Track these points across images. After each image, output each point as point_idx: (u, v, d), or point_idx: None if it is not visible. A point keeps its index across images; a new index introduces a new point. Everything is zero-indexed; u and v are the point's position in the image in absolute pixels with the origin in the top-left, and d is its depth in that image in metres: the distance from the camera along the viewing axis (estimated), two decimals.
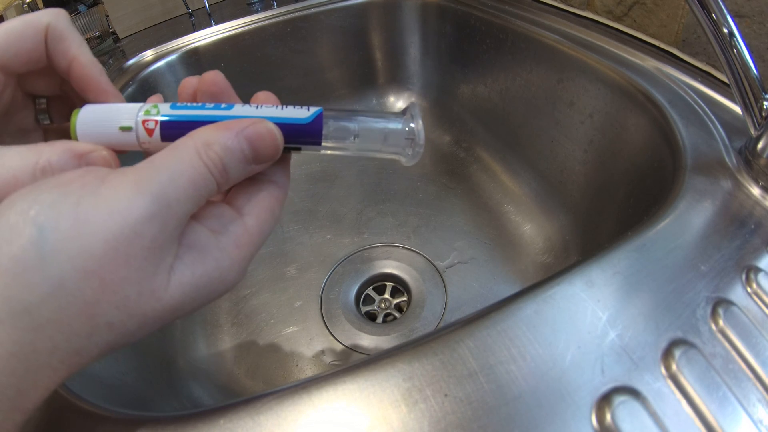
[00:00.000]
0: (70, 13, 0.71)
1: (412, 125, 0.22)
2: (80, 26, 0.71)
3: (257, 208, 0.20)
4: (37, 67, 0.22)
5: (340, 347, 0.48)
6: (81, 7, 0.72)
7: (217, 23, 0.67)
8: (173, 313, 0.17)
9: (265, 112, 0.21)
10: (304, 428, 0.20)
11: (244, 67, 0.67)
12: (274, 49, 0.68)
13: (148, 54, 0.64)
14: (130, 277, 0.15)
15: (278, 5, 0.69)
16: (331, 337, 0.49)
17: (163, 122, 0.20)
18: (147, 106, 0.20)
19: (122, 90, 0.56)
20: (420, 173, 0.67)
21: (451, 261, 0.54)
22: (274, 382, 0.46)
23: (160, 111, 0.20)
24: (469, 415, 0.20)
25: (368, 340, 0.48)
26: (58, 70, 0.22)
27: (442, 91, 0.71)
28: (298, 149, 0.22)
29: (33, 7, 0.70)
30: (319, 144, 0.21)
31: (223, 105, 0.21)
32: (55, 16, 0.21)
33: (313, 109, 0.21)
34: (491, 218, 0.58)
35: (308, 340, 0.49)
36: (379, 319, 0.51)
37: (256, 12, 0.68)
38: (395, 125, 0.22)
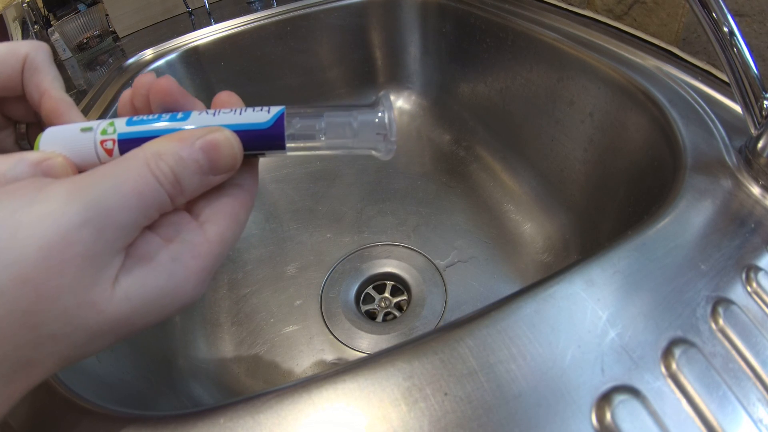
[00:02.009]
0: (70, 12, 0.71)
1: (381, 116, 0.21)
2: (80, 25, 0.71)
3: (219, 214, 0.19)
4: (14, 94, 0.22)
5: (340, 346, 0.48)
6: (81, 6, 0.72)
7: (216, 22, 0.67)
8: (122, 326, 0.16)
9: (222, 119, 0.20)
10: (304, 427, 0.20)
11: (244, 66, 0.67)
12: (273, 48, 0.68)
13: (148, 53, 0.64)
14: (65, 285, 0.15)
15: (278, 4, 0.69)
16: (331, 336, 0.49)
17: (120, 141, 0.19)
18: (104, 124, 0.19)
19: (122, 89, 0.56)
20: (420, 172, 0.67)
21: (451, 260, 0.54)
22: (274, 381, 0.46)
23: (116, 129, 0.19)
24: (469, 413, 0.20)
25: (368, 339, 0.48)
26: (30, 101, 0.22)
27: (442, 90, 0.71)
28: (263, 154, 0.20)
29: (33, 7, 0.70)
30: (283, 148, 0.20)
31: (179, 115, 0.20)
32: (35, 48, 0.22)
33: (275, 110, 0.20)
34: (491, 217, 0.58)
35: (308, 339, 0.49)
36: (379, 318, 0.51)
37: (256, 11, 0.68)
38: (364, 118, 0.21)
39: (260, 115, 0.20)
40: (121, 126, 0.19)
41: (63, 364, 0.16)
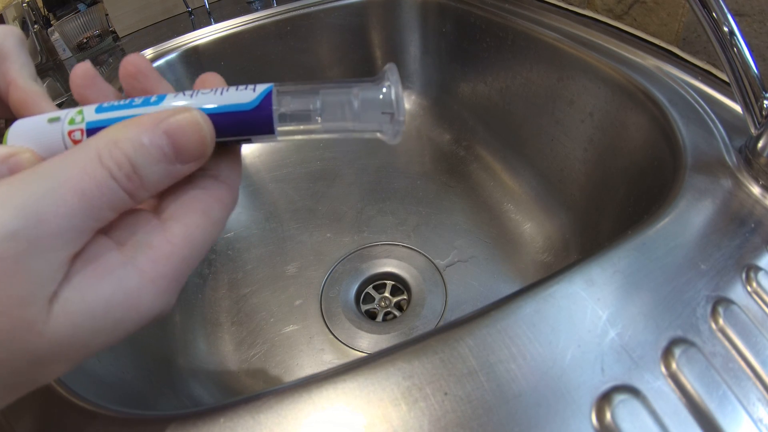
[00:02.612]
0: (70, 12, 0.71)
1: (386, 92, 0.18)
2: (80, 25, 0.71)
3: (185, 211, 0.16)
4: None
5: (340, 346, 0.48)
6: (81, 6, 0.72)
7: (216, 22, 0.67)
8: (70, 348, 0.14)
9: (201, 100, 0.17)
10: (304, 427, 0.20)
11: (244, 65, 0.67)
12: (273, 48, 0.68)
13: (148, 53, 0.64)
14: None
15: (278, 4, 0.69)
16: (331, 336, 0.49)
17: (89, 130, 0.17)
18: (72, 113, 0.17)
19: (122, 89, 0.56)
20: (420, 172, 0.67)
21: (451, 259, 0.54)
22: (274, 380, 0.46)
23: (84, 117, 0.17)
24: (469, 413, 0.20)
25: (368, 339, 0.48)
26: None
27: (442, 89, 0.71)
28: (249, 140, 0.18)
29: (32, 7, 0.70)
30: (272, 132, 0.18)
31: (153, 98, 0.18)
32: (3, 35, 0.20)
33: (261, 88, 0.17)
34: (491, 217, 0.58)
35: (308, 339, 0.49)
36: (379, 318, 0.51)
37: (256, 10, 0.68)
38: (367, 95, 0.18)
39: (244, 95, 0.17)
40: (90, 114, 0.17)
41: (11, 394, 0.14)
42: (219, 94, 0.17)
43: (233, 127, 0.17)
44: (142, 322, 0.16)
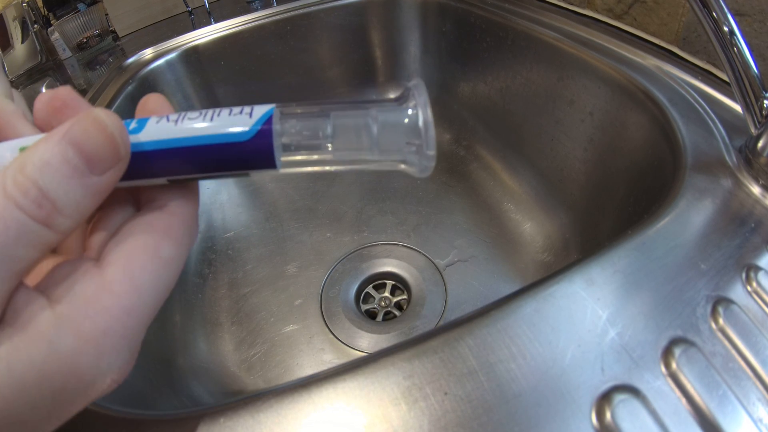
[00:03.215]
0: (70, 12, 0.71)
1: (412, 115, 0.15)
2: (80, 25, 0.71)
3: (128, 252, 0.14)
4: None
5: (340, 345, 0.48)
6: (80, 6, 0.72)
7: (216, 21, 0.66)
8: (4, 426, 0.12)
9: (187, 128, 0.15)
10: (304, 426, 0.20)
11: (244, 65, 0.67)
12: (273, 48, 0.68)
13: (148, 52, 0.64)
14: None
15: (278, 3, 0.68)
16: (331, 336, 0.49)
17: None
18: (25, 141, 0.15)
19: (122, 88, 0.56)
20: None
21: (451, 259, 0.54)
22: (274, 380, 0.46)
23: None
24: (469, 413, 0.20)
25: (368, 339, 0.48)
26: None
27: (442, 89, 0.71)
28: (246, 174, 0.15)
29: (32, 6, 0.70)
30: (274, 166, 0.15)
31: (132, 125, 0.15)
32: None
33: (260, 112, 0.15)
34: (491, 216, 0.58)
35: (308, 339, 0.49)
36: (379, 318, 0.51)
37: (256, 10, 0.67)
38: (388, 118, 0.15)
39: (239, 120, 0.14)
40: None
41: None
42: (209, 120, 0.15)
43: (225, 162, 0.15)
44: (94, 390, 0.14)
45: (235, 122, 0.15)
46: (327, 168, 0.16)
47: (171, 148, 0.15)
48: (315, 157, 0.15)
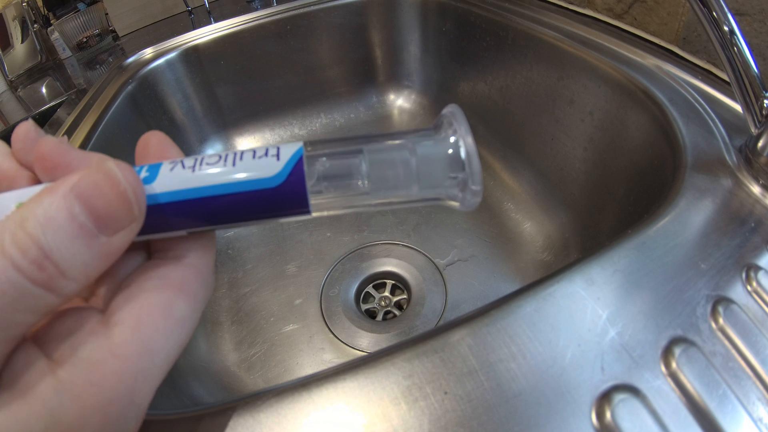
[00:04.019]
0: (70, 11, 0.71)
1: (453, 146, 0.13)
2: (80, 24, 0.71)
3: (138, 310, 0.13)
4: None
5: (340, 345, 0.48)
6: (80, 5, 0.72)
7: (216, 21, 0.66)
8: None
9: (206, 176, 0.13)
10: (304, 426, 0.20)
11: (244, 64, 0.67)
12: (273, 47, 0.68)
13: (148, 52, 0.64)
14: None
15: (278, 3, 0.68)
16: (331, 335, 0.49)
17: None
18: (21, 196, 0.13)
19: (122, 88, 0.56)
20: None
21: (451, 259, 0.54)
22: (274, 379, 0.46)
23: None
24: (469, 412, 0.20)
25: (368, 338, 0.48)
26: None
27: (442, 88, 0.71)
28: (273, 221, 0.14)
29: (32, 6, 0.70)
30: (307, 211, 0.14)
31: (143, 173, 0.13)
32: None
33: (288, 152, 0.13)
34: (491, 216, 0.58)
35: (308, 338, 0.49)
36: (379, 317, 0.51)
37: (256, 10, 0.67)
38: (427, 151, 0.14)
39: (266, 164, 0.13)
40: None
41: None
42: (231, 165, 0.13)
43: (253, 211, 0.13)
44: None
45: (262, 167, 0.13)
46: (361, 209, 0.15)
47: (191, 200, 0.13)
48: (350, 197, 0.14)
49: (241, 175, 0.13)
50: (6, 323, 0.11)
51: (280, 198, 0.13)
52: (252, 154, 0.14)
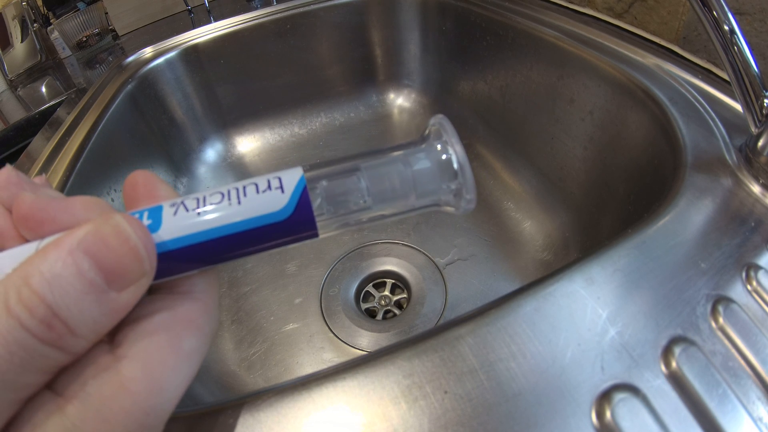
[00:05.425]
0: (70, 11, 0.71)
1: (444, 153, 0.14)
2: (79, 23, 0.71)
3: (147, 345, 0.13)
4: None
5: (340, 344, 0.48)
6: (80, 5, 0.72)
7: (216, 20, 0.66)
8: None
9: (213, 216, 0.13)
10: (304, 425, 0.20)
11: (244, 64, 0.67)
12: (273, 46, 0.68)
13: (148, 51, 0.64)
14: None
15: (278, 2, 0.68)
16: (331, 334, 0.49)
17: None
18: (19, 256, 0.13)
19: (121, 87, 0.56)
20: None
21: (451, 258, 0.54)
22: (274, 379, 0.46)
23: None
24: (468, 412, 0.20)
25: (368, 337, 0.48)
26: None
27: (442, 88, 0.71)
28: (282, 247, 0.14)
29: (32, 5, 0.70)
30: (315, 234, 0.14)
31: (146, 219, 0.13)
32: None
33: (290, 182, 0.13)
34: (491, 215, 0.58)
35: (308, 337, 0.49)
36: (379, 316, 0.51)
37: (256, 9, 0.67)
38: (420, 164, 0.14)
39: (272, 198, 0.13)
40: None
41: None
42: (236, 203, 0.13)
43: (264, 244, 0.14)
44: None
45: (268, 202, 0.13)
46: (365, 223, 0.15)
47: (202, 243, 0.13)
48: (354, 213, 0.15)
49: (249, 214, 0.13)
50: (15, 385, 0.11)
51: (289, 228, 0.14)
52: (255, 188, 0.14)
